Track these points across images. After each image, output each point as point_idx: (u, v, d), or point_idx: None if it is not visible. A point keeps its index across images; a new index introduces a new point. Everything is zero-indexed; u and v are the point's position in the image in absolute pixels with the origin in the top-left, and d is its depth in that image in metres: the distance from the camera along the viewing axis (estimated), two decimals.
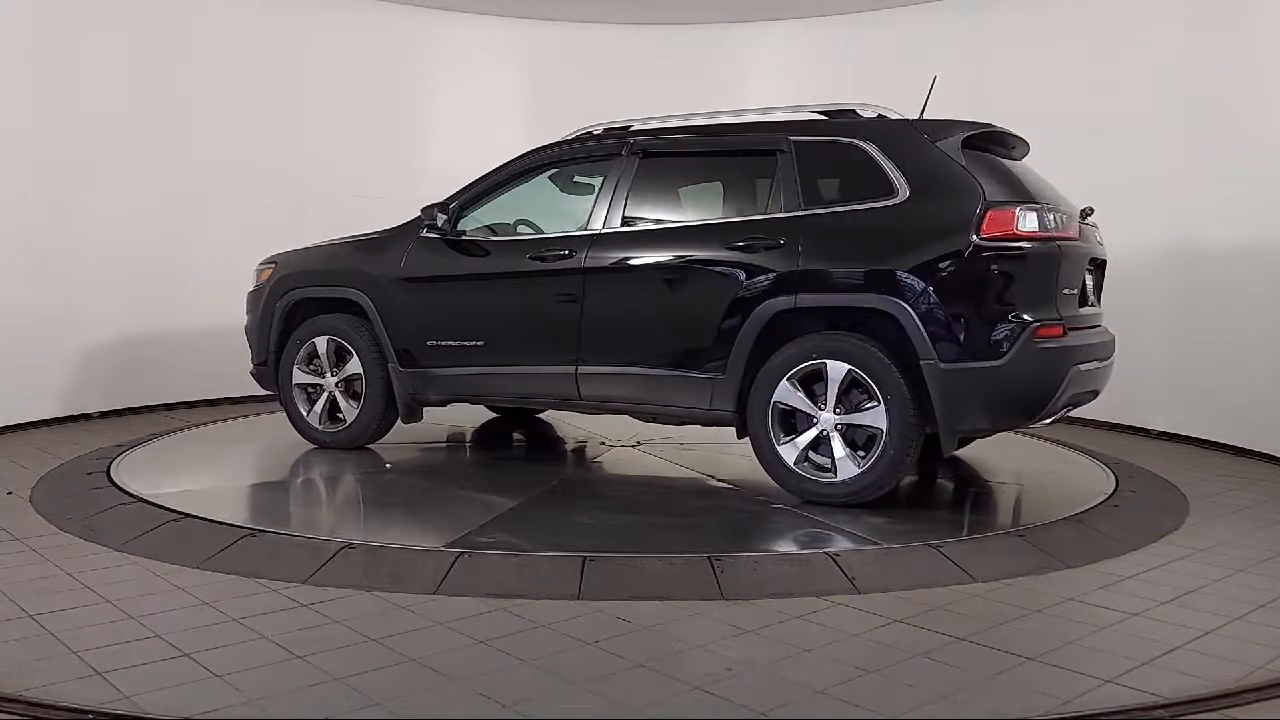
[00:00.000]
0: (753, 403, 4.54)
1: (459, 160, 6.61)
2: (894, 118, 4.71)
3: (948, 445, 4.35)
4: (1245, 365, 6.21)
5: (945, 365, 4.18)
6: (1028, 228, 4.21)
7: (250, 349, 5.96)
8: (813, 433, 4.44)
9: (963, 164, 4.36)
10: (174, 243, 7.35)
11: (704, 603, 3.42)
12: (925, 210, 4.33)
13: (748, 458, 4.68)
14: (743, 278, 4.54)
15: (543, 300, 5.00)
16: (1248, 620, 3.36)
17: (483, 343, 5.18)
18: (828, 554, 3.78)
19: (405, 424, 5.58)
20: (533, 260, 5.02)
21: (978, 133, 4.53)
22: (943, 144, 4.43)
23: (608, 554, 3.72)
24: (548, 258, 4.98)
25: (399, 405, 5.46)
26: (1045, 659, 2.99)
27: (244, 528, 3.98)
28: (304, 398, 5.71)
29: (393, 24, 8.30)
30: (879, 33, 8.08)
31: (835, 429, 4.39)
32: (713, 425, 4.83)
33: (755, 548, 4.03)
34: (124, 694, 2.66)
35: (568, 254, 4.93)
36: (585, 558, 3.65)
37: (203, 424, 6.61)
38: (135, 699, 2.63)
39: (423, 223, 5.34)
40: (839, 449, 4.38)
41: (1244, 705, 2.71)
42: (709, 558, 3.67)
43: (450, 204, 5.32)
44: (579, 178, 5.33)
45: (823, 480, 4.42)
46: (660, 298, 4.74)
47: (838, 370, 4.35)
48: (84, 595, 3.43)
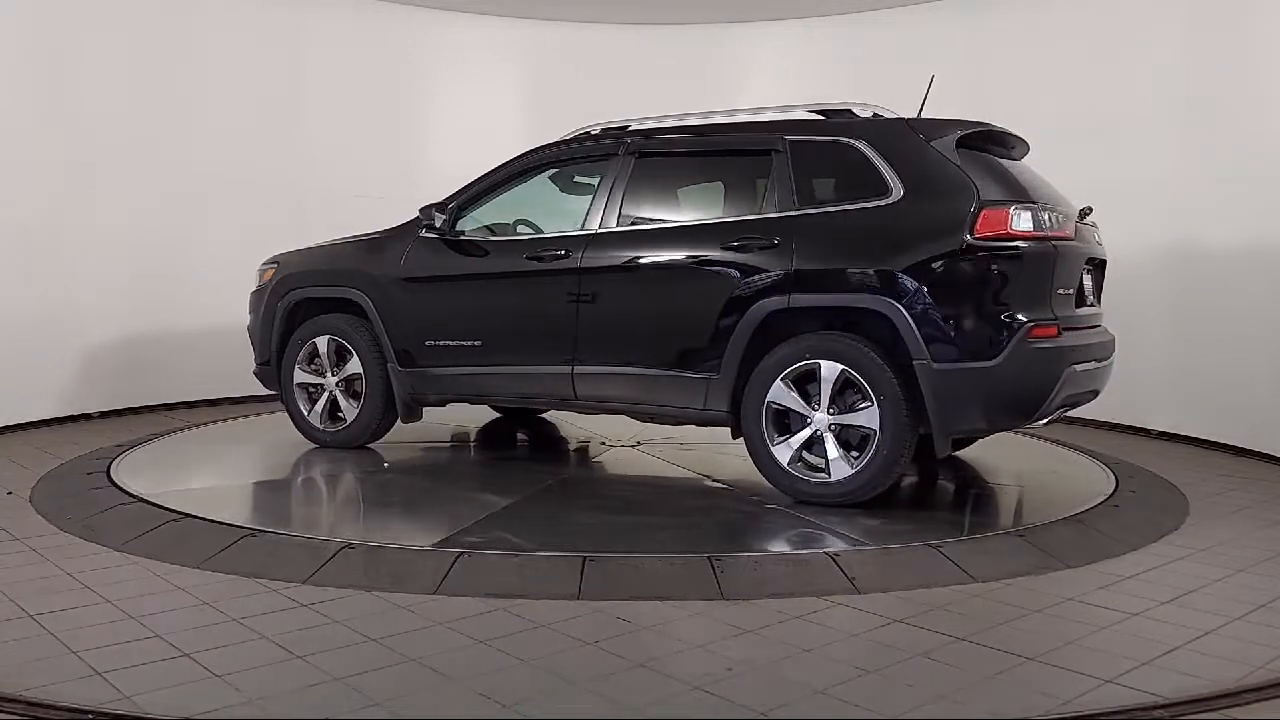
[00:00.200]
0: (747, 403, 4.53)
1: (459, 160, 6.61)
2: (889, 117, 4.70)
3: (941, 446, 4.33)
4: (1245, 365, 6.21)
5: (938, 365, 4.16)
6: (1022, 227, 4.18)
7: (253, 348, 5.97)
8: (806, 433, 4.43)
9: (957, 163, 4.34)
10: (174, 243, 7.35)
11: (704, 603, 3.42)
12: (919, 210, 4.32)
13: (746, 458, 4.68)
14: (737, 278, 4.53)
15: (539, 300, 5.00)
16: (1248, 620, 3.36)
17: (480, 343, 5.18)
18: (828, 554, 3.78)
19: (405, 424, 5.59)
20: (530, 260, 5.03)
21: (974, 132, 4.52)
22: (937, 143, 4.41)
23: (608, 554, 3.71)
24: (544, 258, 4.98)
25: (398, 405, 5.47)
26: (1045, 659, 2.99)
27: (244, 528, 3.98)
28: (305, 397, 5.74)
29: (393, 24, 8.31)
30: (879, 33, 8.08)
31: (829, 429, 4.38)
32: (707, 425, 4.83)
33: (755, 548, 4.03)
34: (124, 694, 2.66)
35: (564, 254, 4.93)
36: (585, 558, 3.65)
37: (203, 424, 6.61)
38: (135, 699, 2.63)
39: (421, 223, 5.35)
40: (832, 449, 4.37)
41: (1244, 705, 2.70)
42: (709, 558, 3.67)
43: (449, 204, 5.32)
44: (579, 178, 5.33)
45: (816, 480, 4.41)
46: (655, 298, 4.74)
47: (831, 370, 4.34)
48: (84, 595, 3.43)
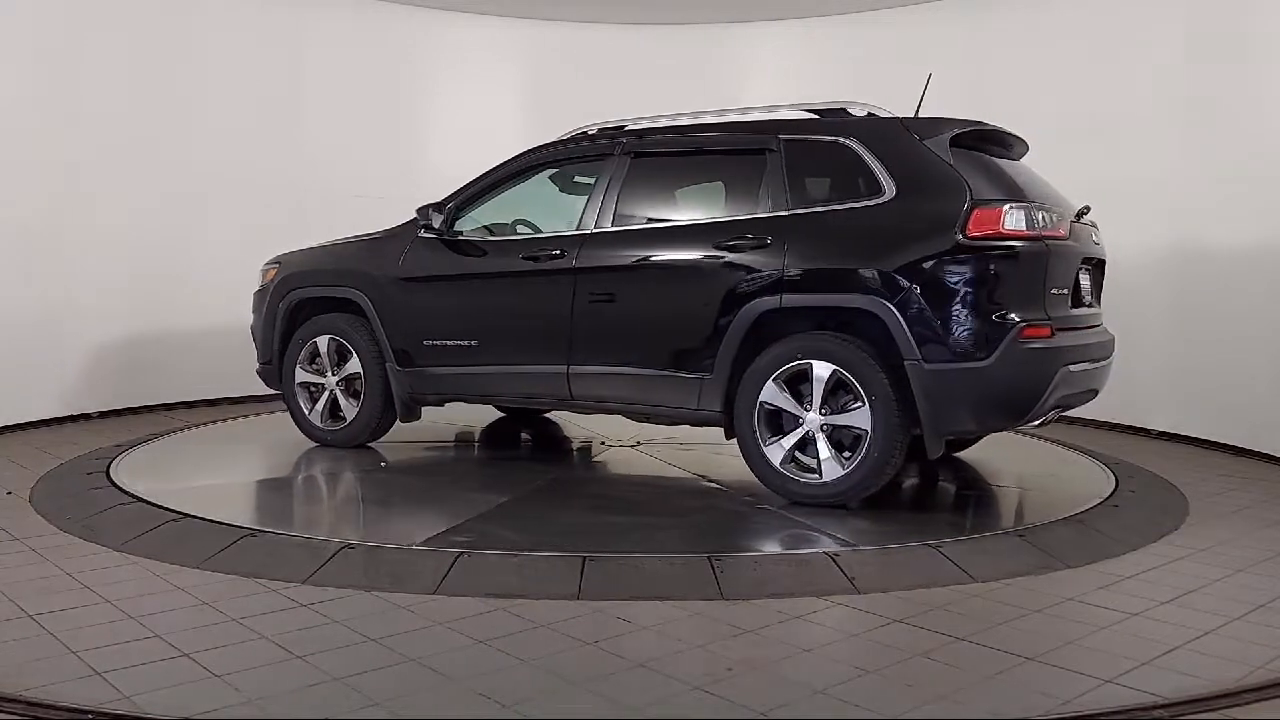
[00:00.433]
0: (739, 403, 4.52)
1: (459, 160, 6.60)
2: (884, 116, 4.68)
3: (933, 447, 4.30)
4: (1245, 365, 6.21)
5: (929, 366, 4.14)
6: (1014, 226, 4.16)
7: (256, 348, 5.98)
8: (799, 433, 4.42)
9: (950, 162, 4.32)
10: (174, 243, 7.35)
11: (704, 603, 3.42)
12: (911, 209, 4.30)
13: (742, 459, 4.67)
14: (729, 278, 4.52)
15: (535, 300, 5.00)
16: (1247, 620, 3.36)
17: (477, 342, 5.18)
18: (827, 554, 3.78)
19: (403, 423, 5.59)
20: (525, 260, 5.03)
21: (969, 131, 4.50)
22: (931, 142, 4.39)
23: (608, 554, 3.71)
24: (540, 258, 4.98)
25: (396, 404, 5.47)
26: (1045, 659, 2.99)
27: (244, 528, 3.98)
28: (306, 396, 5.76)
29: (393, 24, 8.31)
30: (879, 33, 8.07)
31: (821, 430, 4.37)
32: (701, 425, 4.82)
33: (755, 548, 4.03)
34: (124, 694, 2.66)
35: (559, 254, 4.93)
36: (585, 558, 3.65)
37: (202, 424, 6.61)
38: (135, 699, 2.63)
39: (419, 223, 5.35)
40: (824, 450, 4.35)
41: (1244, 705, 2.70)
42: (709, 558, 3.67)
43: (446, 204, 5.32)
44: (579, 178, 5.32)
45: (806, 481, 4.40)
46: (649, 298, 4.73)
47: (823, 371, 4.33)
48: (84, 595, 3.42)
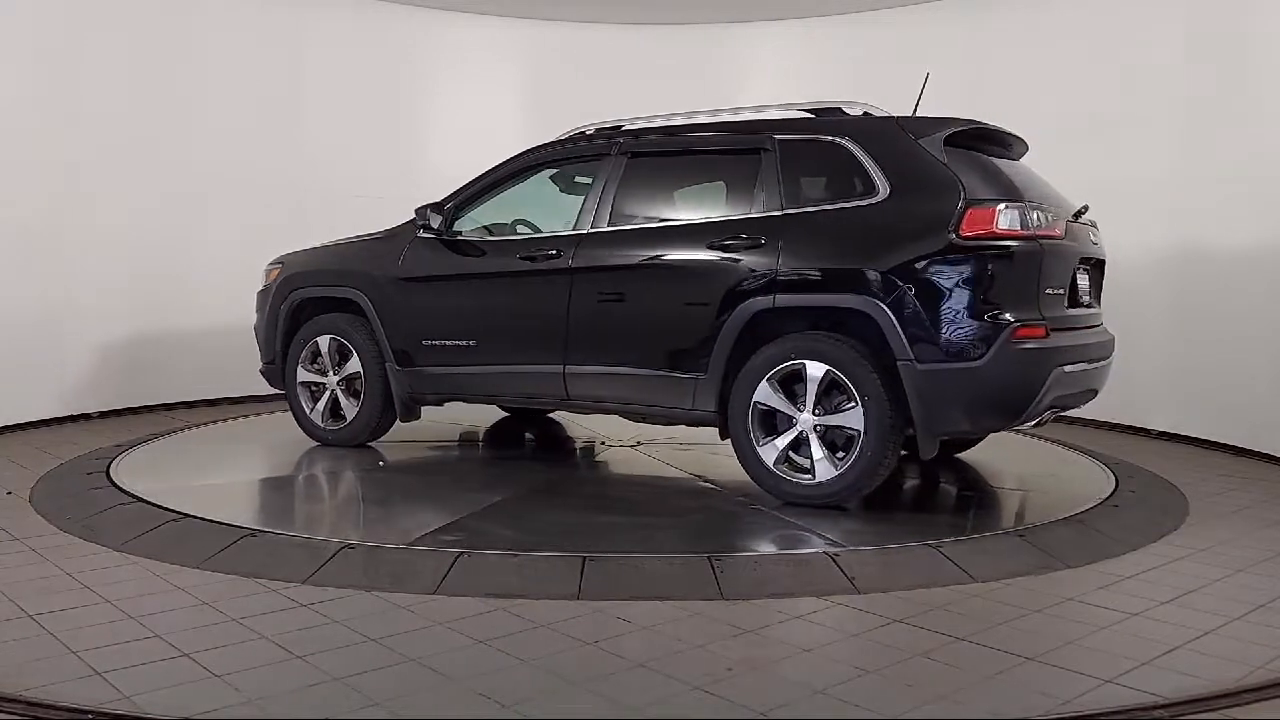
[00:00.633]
0: (733, 403, 4.52)
1: (459, 160, 6.61)
2: (879, 115, 4.67)
3: (927, 447, 4.29)
4: (1245, 365, 6.21)
5: (922, 366, 4.13)
6: (1007, 226, 4.14)
7: (259, 348, 5.98)
8: (792, 434, 4.41)
9: (944, 161, 4.31)
10: (174, 243, 7.35)
11: (704, 603, 3.42)
12: (904, 209, 4.29)
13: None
14: (723, 278, 4.52)
15: (531, 300, 5.00)
16: (1247, 620, 3.36)
17: (475, 342, 5.18)
18: (827, 554, 3.77)
19: (403, 423, 5.59)
20: (523, 260, 5.03)
21: (965, 130, 4.48)
22: (925, 141, 4.38)
23: (608, 554, 3.71)
24: (536, 258, 4.98)
25: (396, 404, 5.48)
26: (1045, 659, 2.98)
27: (243, 528, 3.98)
28: (307, 395, 5.78)
29: (393, 24, 8.31)
30: (879, 33, 8.07)
31: (814, 430, 4.36)
32: (696, 425, 4.81)
33: (755, 548, 4.03)
34: (124, 694, 2.66)
35: (555, 254, 4.93)
36: (585, 558, 3.65)
37: (202, 424, 6.61)
38: (135, 699, 2.63)
39: (418, 223, 5.35)
40: (817, 450, 4.35)
41: (1244, 705, 2.70)
42: (708, 558, 3.67)
43: (445, 204, 5.33)
44: (579, 178, 5.32)
45: (799, 481, 4.39)
46: (643, 298, 4.73)
47: (816, 371, 4.32)
48: (84, 595, 3.42)
